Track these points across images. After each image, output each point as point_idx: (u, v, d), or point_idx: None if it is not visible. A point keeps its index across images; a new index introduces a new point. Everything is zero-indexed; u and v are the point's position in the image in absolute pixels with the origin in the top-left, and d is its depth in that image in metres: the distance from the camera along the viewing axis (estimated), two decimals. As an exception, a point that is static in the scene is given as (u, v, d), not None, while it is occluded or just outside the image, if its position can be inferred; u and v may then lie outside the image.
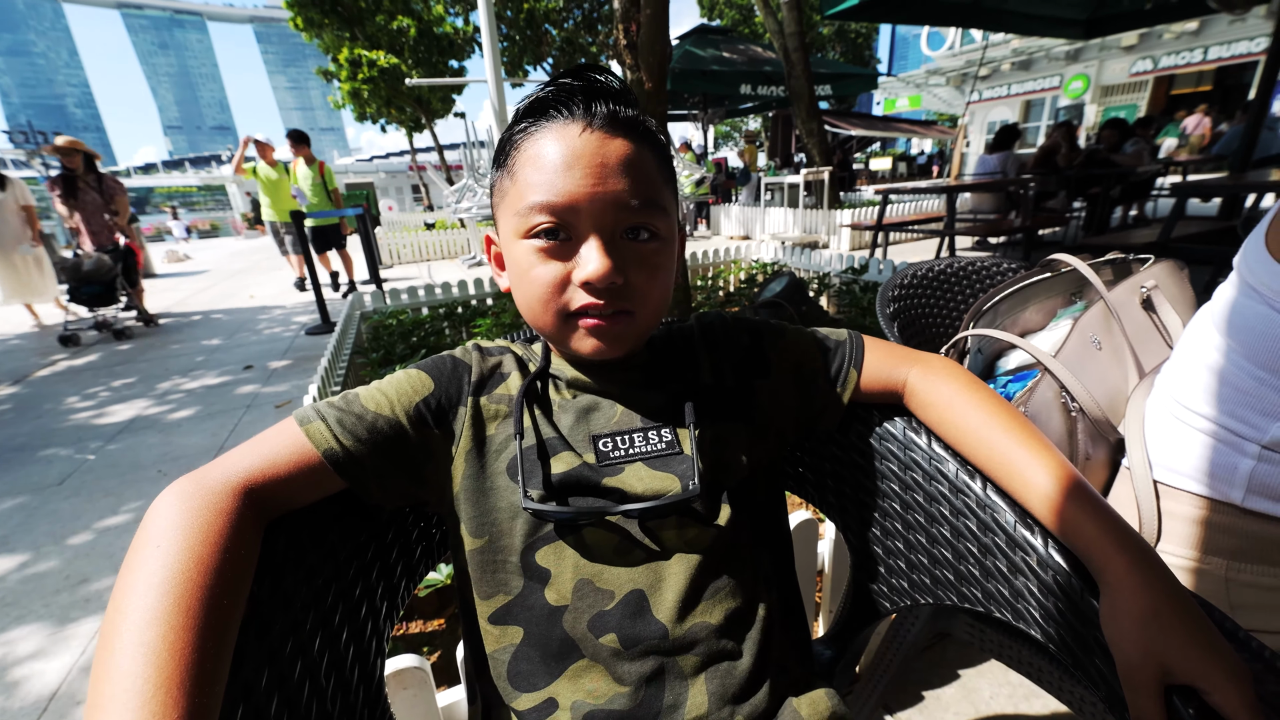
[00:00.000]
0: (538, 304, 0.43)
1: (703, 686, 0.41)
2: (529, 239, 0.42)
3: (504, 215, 0.45)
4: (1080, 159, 5.45)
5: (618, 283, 0.41)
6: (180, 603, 0.31)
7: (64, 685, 1.24)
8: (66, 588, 1.56)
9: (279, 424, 0.43)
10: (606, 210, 0.41)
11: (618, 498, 0.44)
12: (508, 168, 0.44)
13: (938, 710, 1.02)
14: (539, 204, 0.41)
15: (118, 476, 2.20)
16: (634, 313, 0.43)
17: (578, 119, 0.41)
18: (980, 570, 0.46)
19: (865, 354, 0.52)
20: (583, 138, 0.41)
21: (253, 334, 4.42)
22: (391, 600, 0.50)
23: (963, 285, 0.86)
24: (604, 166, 0.41)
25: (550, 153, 0.41)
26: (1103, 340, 0.63)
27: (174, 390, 3.19)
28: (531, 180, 0.41)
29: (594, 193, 0.40)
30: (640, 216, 0.42)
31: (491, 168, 0.47)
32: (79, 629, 1.40)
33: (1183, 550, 0.50)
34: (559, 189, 0.40)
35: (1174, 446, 0.52)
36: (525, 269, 0.43)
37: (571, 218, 0.41)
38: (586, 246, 0.41)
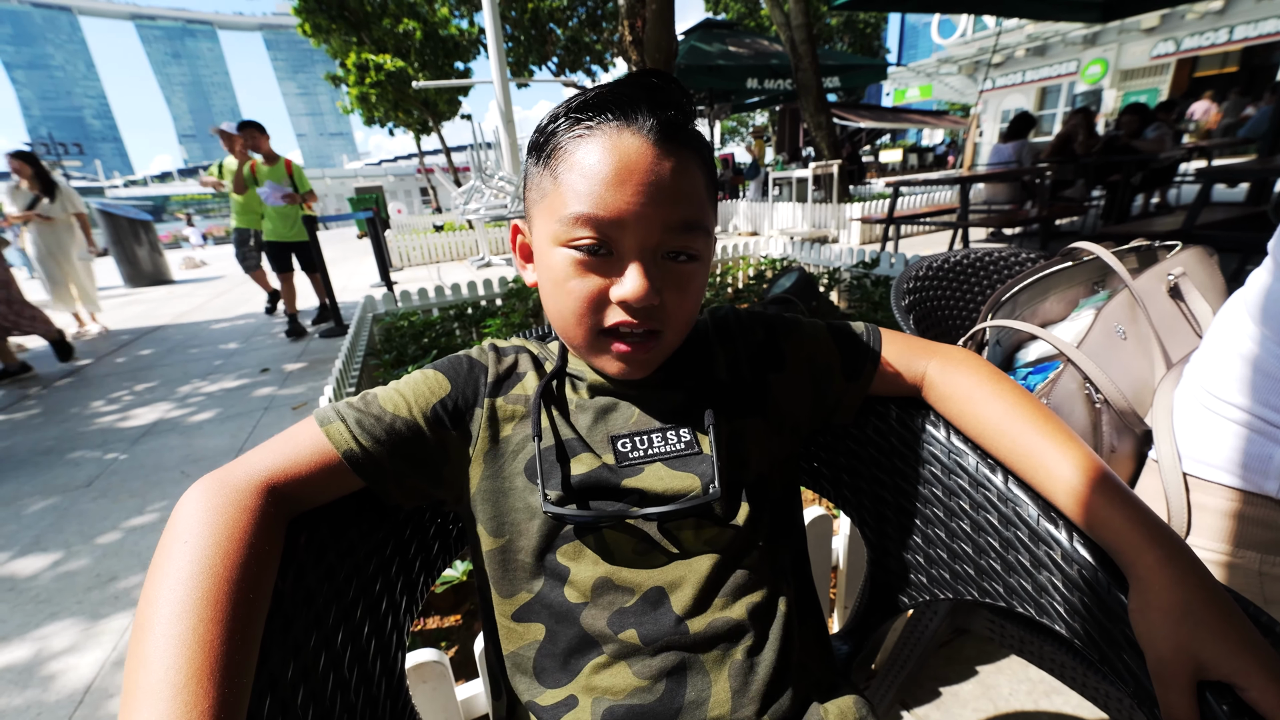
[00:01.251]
0: (571, 316, 0.42)
1: (725, 684, 0.41)
2: (568, 248, 0.41)
3: (541, 215, 0.43)
4: (1099, 146, 5.33)
5: (654, 303, 0.41)
6: (208, 596, 0.32)
7: (97, 679, 1.28)
8: (97, 585, 1.60)
9: (300, 424, 0.43)
10: (652, 232, 0.40)
11: (637, 499, 0.43)
12: (550, 166, 0.41)
13: (955, 707, 1.01)
14: (584, 216, 0.39)
15: (142, 478, 2.25)
16: (662, 333, 0.43)
17: (634, 127, 0.39)
18: (1002, 564, 0.46)
19: (882, 346, 0.51)
20: (638, 150, 0.39)
21: (268, 337, 4.50)
22: (411, 595, 0.50)
23: (980, 276, 0.84)
24: (656, 186, 0.39)
25: (601, 162, 0.39)
26: (1128, 330, 0.61)
27: (194, 393, 3.26)
28: (578, 188, 0.39)
29: (643, 213, 0.39)
30: (683, 240, 0.41)
31: (528, 155, 0.45)
32: (110, 625, 1.44)
33: (1214, 544, 0.49)
34: (607, 204, 0.39)
35: (1205, 438, 0.50)
36: (561, 279, 0.42)
37: (616, 234, 0.40)
38: (629, 267, 0.40)
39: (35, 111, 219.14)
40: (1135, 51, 14.63)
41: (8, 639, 1.41)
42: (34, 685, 1.27)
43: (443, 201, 15.57)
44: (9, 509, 2.07)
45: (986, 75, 8.03)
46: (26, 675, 1.29)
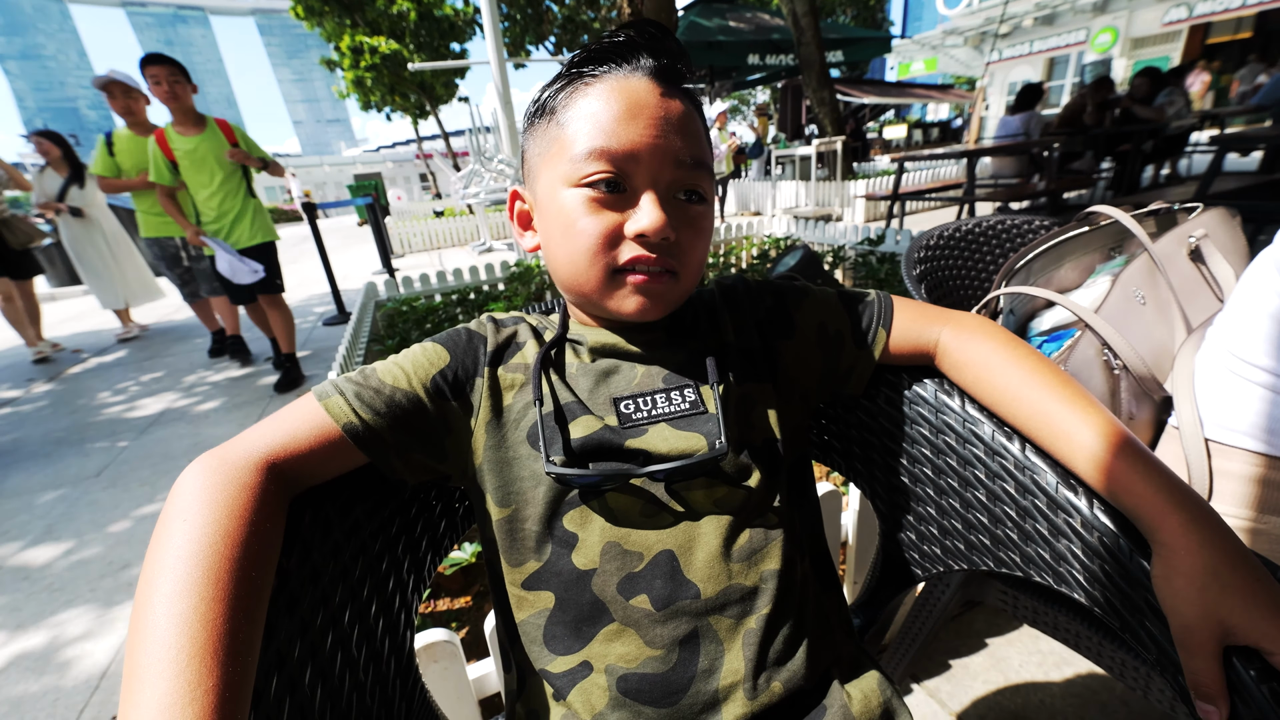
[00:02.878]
0: (584, 256, 0.42)
1: (739, 652, 0.40)
2: (581, 187, 0.41)
3: (549, 164, 0.43)
4: (1107, 117, 5.19)
5: (670, 238, 0.41)
6: (209, 574, 0.31)
7: (113, 665, 1.30)
8: (110, 573, 1.62)
9: (299, 399, 0.43)
10: (665, 164, 0.41)
11: (642, 460, 0.43)
12: (557, 116, 0.42)
13: (966, 679, 1.01)
14: (598, 149, 0.40)
15: (151, 466, 2.27)
16: (678, 274, 0.43)
17: (639, 71, 0.41)
18: (1019, 534, 0.45)
19: (894, 313, 0.50)
20: (646, 89, 0.41)
21: (266, 330, 4.49)
22: (418, 573, 0.50)
23: (993, 244, 0.82)
24: (665, 121, 0.40)
25: (611, 101, 0.40)
26: (1147, 295, 0.60)
27: (200, 383, 3.27)
28: (588, 126, 0.40)
29: (655, 144, 0.40)
30: (693, 176, 0.42)
31: (528, 121, 0.46)
32: (123, 611, 1.46)
33: (1238, 510, 0.48)
34: (620, 137, 0.39)
35: (1228, 402, 0.49)
36: (573, 219, 0.41)
37: (630, 167, 0.40)
38: (644, 199, 0.41)
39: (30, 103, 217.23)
40: (1146, 18, 14.20)
41: (24, 627, 1.43)
42: (51, 671, 1.29)
43: (442, 187, 15.43)
44: (21, 499, 2.09)
45: (993, 46, 7.81)
46: (43, 662, 1.32)
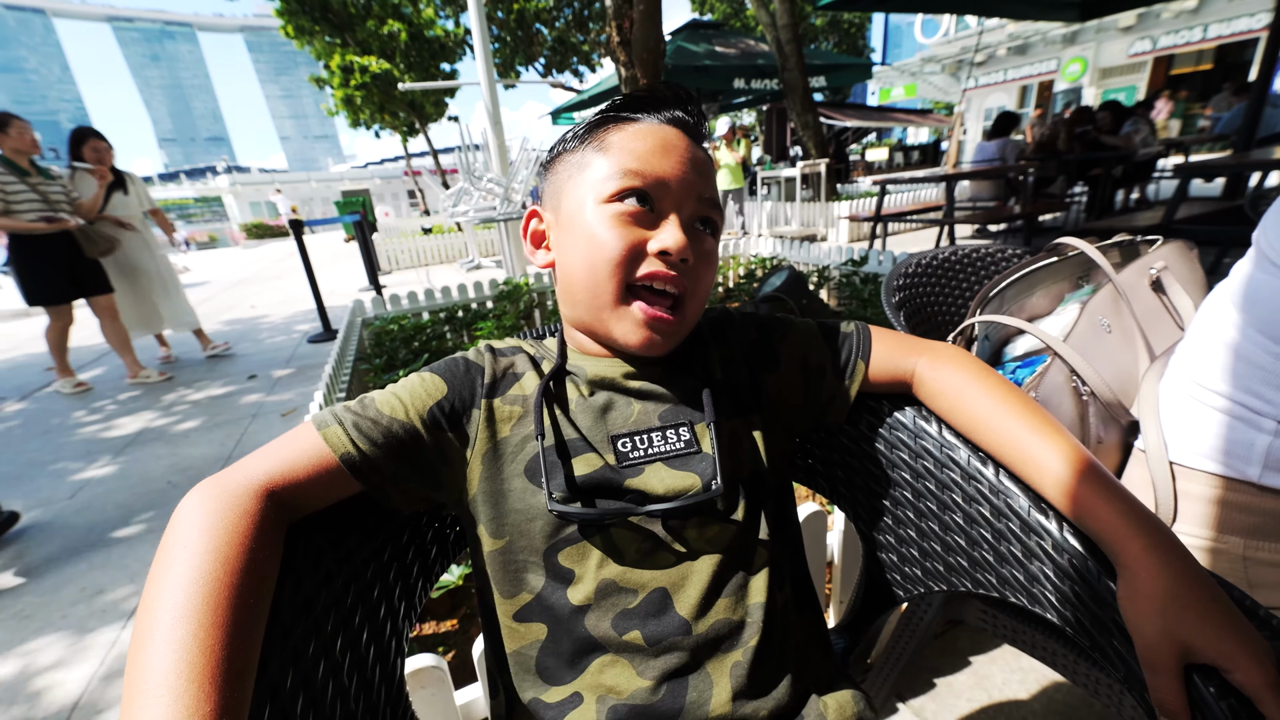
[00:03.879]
0: (605, 266, 0.44)
1: (727, 683, 0.41)
2: (612, 203, 0.44)
3: (579, 183, 0.46)
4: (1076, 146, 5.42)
5: (689, 260, 0.44)
6: (209, 601, 0.31)
7: (85, 695, 1.25)
8: (83, 599, 1.57)
9: (297, 428, 0.43)
10: (689, 197, 0.45)
11: (638, 499, 0.44)
12: (592, 144, 0.46)
13: (950, 697, 1.02)
14: (633, 170, 0.44)
15: (128, 489, 2.21)
16: (685, 306, 0.45)
17: (669, 123, 0.47)
18: (994, 556, 0.46)
19: (873, 344, 0.52)
20: (677, 136, 0.46)
21: (254, 344, 4.43)
22: (409, 600, 0.50)
23: (968, 272, 0.85)
24: (691, 162, 0.46)
25: (648, 138, 0.45)
26: (1112, 323, 0.63)
27: (179, 401, 3.20)
28: (625, 155, 0.44)
29: (683, 178, 0.45)
30: (710, 210, 0.47)
31: (561, 146, 0.49)
32: (97, 639, 1.42)
33: (1199, 530, 0.50)
34: (655, 166, 0.44)
35: (1190, 426, 0.52)
36: (598, 231, 0.44)
37: (660, 191, 0.44)
38: (669, 220, 0.44)
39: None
40: (1113, 50, 14.92)
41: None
42: (21, 702, 1.24)
43: (430, 204, 15.45)
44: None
45: (969, 74, 8.12)
46: (13, 692, 1.27)
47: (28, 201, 2.92)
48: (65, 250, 3.08)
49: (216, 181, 34.32)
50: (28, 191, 2.91)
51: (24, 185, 2.90)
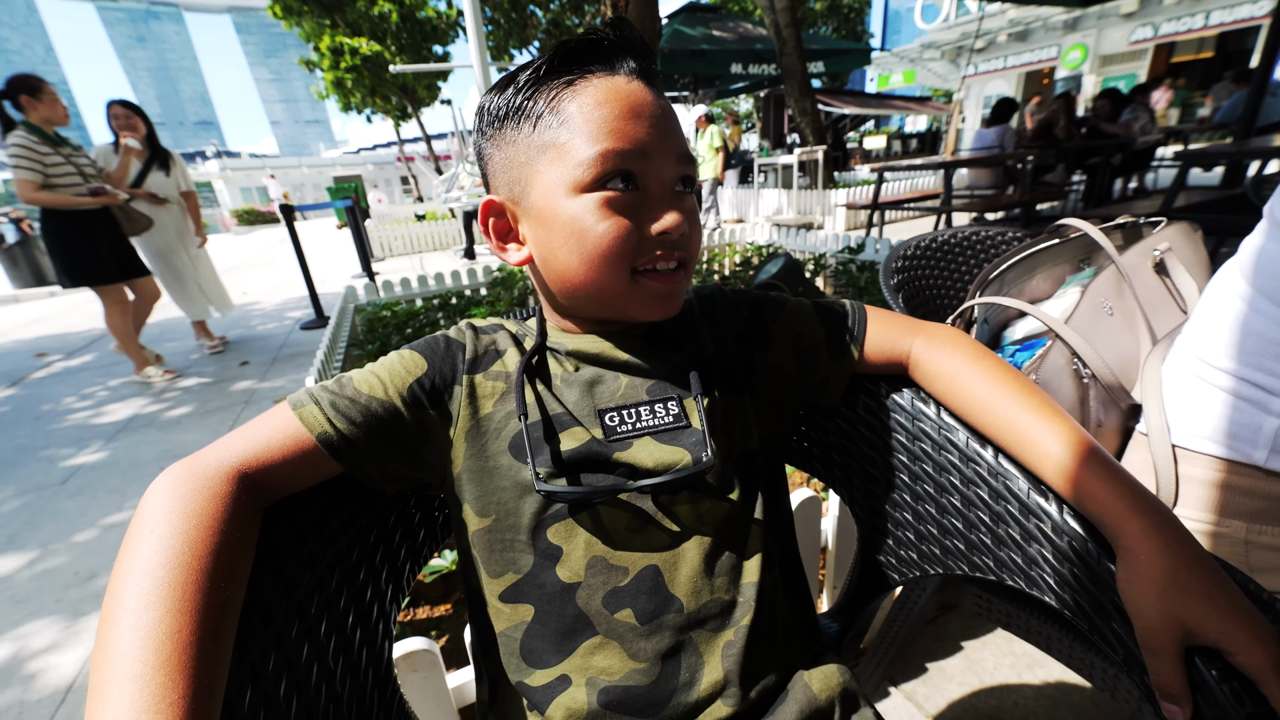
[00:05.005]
0: (606, 260, 0.40)
1: (719, 663, 0.41)
2: (592, 191, 0.40)
3: (544, 171, 0.41)
4: (1076, 133, 5.39)
5: (686, 232, 0.41)
6: (176, 586, 0.30)
7: (80, 678, 1.25)
8: (76, 583, 1.56)
9: (273, 408, 0.42)
10: (669, 160, 0.41)
11: (627, 473, 0.43)
12: (545, 120, 0.40)
13: (942, 681, 1.03)
14: (610, 151, 0.39)
15: (119, 475, 2.20)
16: (688, 266, 0.43)
17: (624, 74, 0.41)
18: (992, 539, 0.46)
19: (868, 325, 0.51)
20: (638, 90, 0.41)
21: (246, 330, 4.39)
22: (396, 583, 0.49)
23: (968, 255, 0.84)
24: (661, 119, 0.41)
25: (611, 102, 0.39)
26: (1114, 305, 0.62)
27: (171, 388, 3.17)
28: (593, 129, 0.39)
29: (660, 142, 0.40)
30: (688, 167, 0.43)
31: (494, 123, 0.43)
32: (91, 622, 1.41)
33: (1201, 514, 0.50)
34: (630, 136, 0.39)
35: (1193, 409, 0.51)
36: (587, 224, 0.40)
37: (641, 166, 0.40)
38: (659, 198, 0.41)
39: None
40: (1114, 37, 14.78)
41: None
42: (15, 684, 1.24)
43: (424, 190, 15.23)
44: (-21, 508, 2.01)
45: (969, 60, 8.04)
46: (7, 675, 1.26)
47: (66, 175, 2.72)
48: (109, 227, 2.90)
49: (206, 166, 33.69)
50: (65, 164, 2.71)
51: (60, 157, 2.69)
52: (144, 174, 3.22)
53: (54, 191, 2.70)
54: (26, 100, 2.67)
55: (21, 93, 2.66)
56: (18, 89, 2.66)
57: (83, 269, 2.88)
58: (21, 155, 2.58)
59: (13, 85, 2.66)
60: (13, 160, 2.59)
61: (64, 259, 2.86)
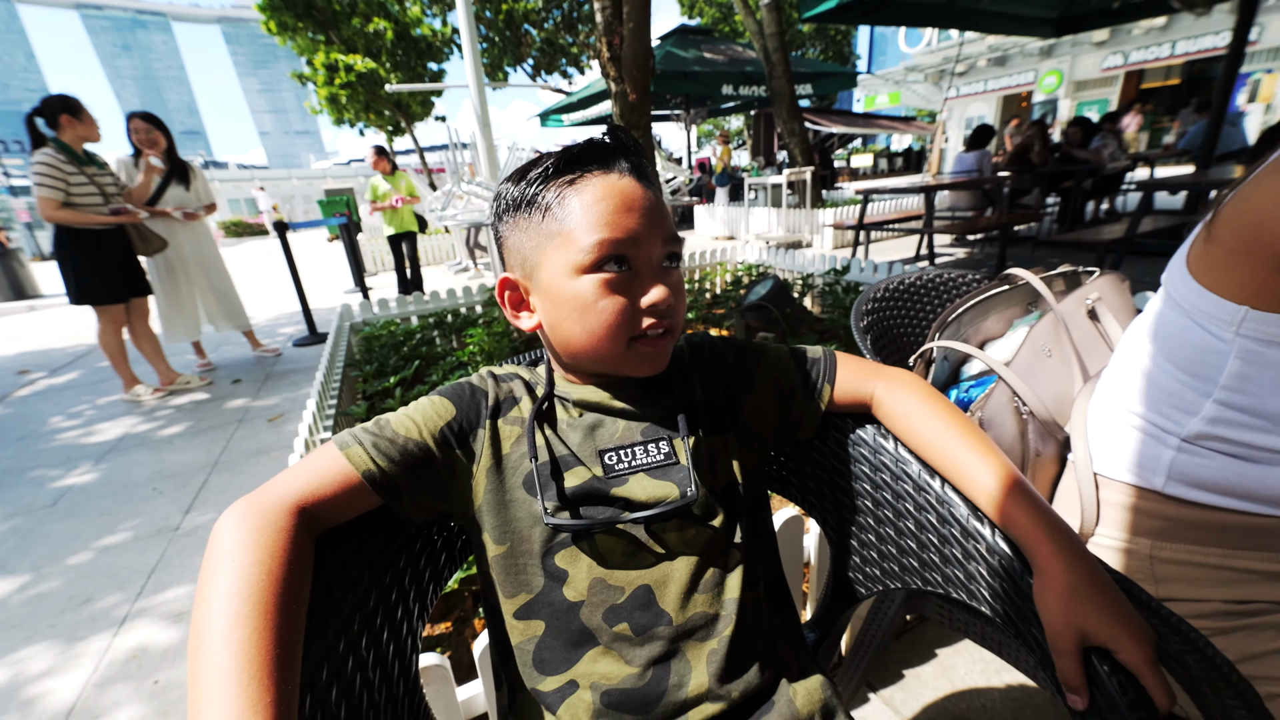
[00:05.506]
0: (604, 332, 0.48)
1: (704, 668, 0.47)
2: (592, 274, 0.47)
3: (552, 255, 0.48)
4: (1050, 158, 5.63)
5: (672, 303, 0.48)
6: (258, 607, 0.36)
7: (80, 701, 1.26)
8: (71, 608, 1.57)
9: (320, 449, 0.48)
10: (656, 244, 0.48)
11: (624, 505, 0.49)
12: (552, 212, 0.48)
13: (917, 687, 1.09)
14: (607, 240, 0.46)
15: (110, 496, 2.19)
16: (675, 331, 0.50)
17: (617, 172, 0.49)
18: (940, 557, 0.53)
19: (837, 370, 0.59)
20: (630, 186, 0.48)
21: (238, 347, 4.38)
22: (421, 602, 0.55)
23: (931, 297, 0.93)
24: (650, 210, 0.48)
25: (607, 198, 0.47)
26: (1053, 348, 0.70)
27: (162, 407, 3.17)
28: (592, 221, 0.46)
29: (649, 230, 0.47)
30: (674, 246, 0.50)
31: (510, 209, 0.51)
32: (89, 646, 1.42)
33: (1116, 533, 0.57)
34: (623, 227, 0.46)
35: (1110, 442, 0.59)
36: (590, 301, 0.47)
37: (633, 251, 0.47)
38: (650, 277, 0.48)
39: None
40: (1087, 63, 15.41)
41: (-20, 664, 1.38)
42: (13, 710, 1.25)
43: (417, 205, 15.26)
44: (-32, 531, 2.00)
45: (950, 84, 8.32)
46: (4, 702, 1.27)
47: (88, 195, 2.79)
48: (119, 247, 2.96)
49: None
50: (88, 183, 2.78)
51: (84, 176, 2.76)
52: (163, 188, 3.23)
53: (74, 210, 2.75)
54: (67, 120, 2.73)
55: (62, 112, 2.72)
56: (58, 109, 2.72)
57: (90, 288, 2.93)
58: (45, 173, 2.64)
59: (52, 105, 2.73)
60: (36, 177, 2.65)
61: (74, 277, 2.90)
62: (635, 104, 2.02)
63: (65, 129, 2.73)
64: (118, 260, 2.96)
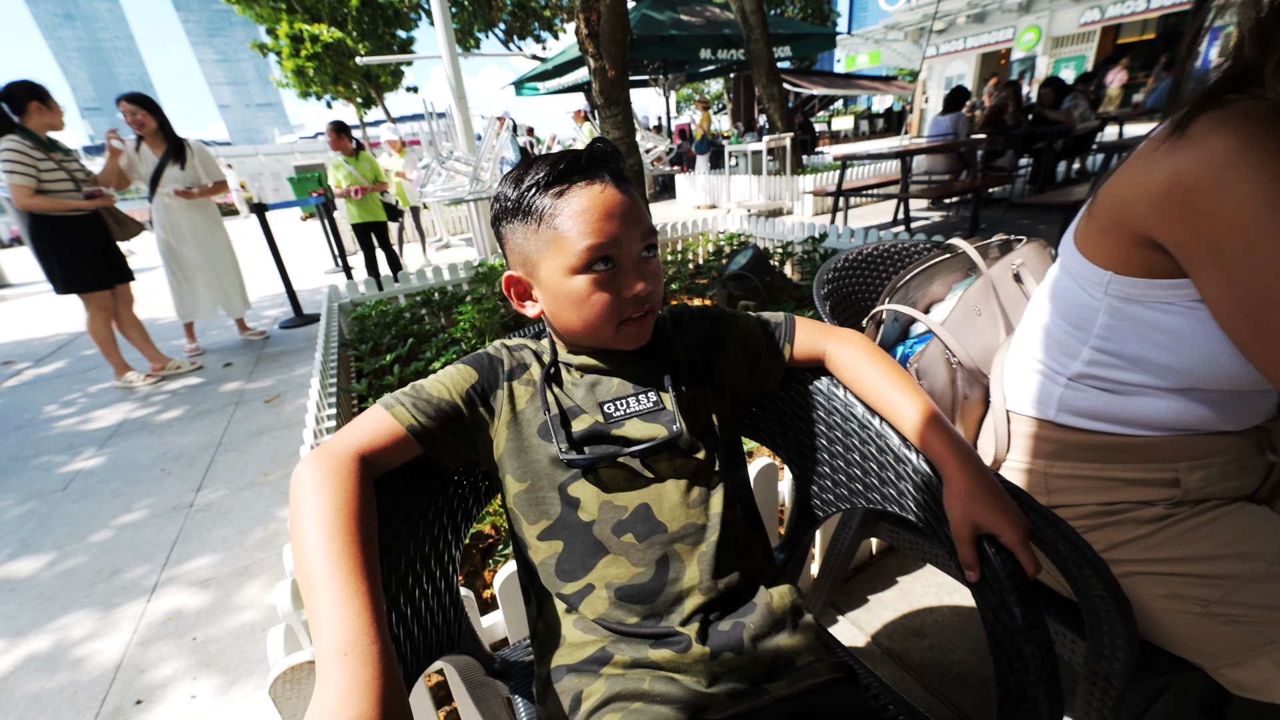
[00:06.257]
0: (599, 320, 0.57)
1: (695, 566, 0.59)
2: (584, 273, 0.56)
3: (551, 258, 0.57)
4: (1023, 120, 5.71)
5: (652, 290, 0.58)
6: (344, 525, 0.47)
7: (126, 657, 1.38)
8: (101, 579, 1.67)
9: (370, 411, 0.58)
10: (635, 240, 0.57)
11: (622, 443, 0.61)
12: (546, 220, 0.56)
13: (879, 608, 1.26)
14: (594, 245, 0.54)
15: (121, 478, 2.27)
16: (654, 310, 0.61)
17: (600, 182, 0.56)
18: (879, 479, 0.66)
19: (796, 332, 0.70)
20: (610, 194, 0.56)
21: (224, 331, 4.38)
22: (456, 534, 0.66)
23: (883, 266, 1.04)
24: (628, 212, 0.56)
25: (592, 207, 0.55)
26: (982, 308, 0.82)
27: (156, 392, 3.20)
28: (582, 227, 0.54)
29: (630, 230, 0.56)
30: (650, 240, 0.59)
31: (510, 214, 0.59)
32: (125, 611, 1.53)
33: (1021, 457, 0.70)
34: (607, 232, 0.55)
35: (1018, 383, 0.71)
36: (585, 296, 0.56)
37: (616, 250, 0.56)
38: (632, 274, 0.57)
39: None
40: (1065, 19, 15.30)
41: (24, 634, 1.48)
42: (63, 669, 1.36)
43: (391, 179, 14.85)
44: (-15, 516, 2.07)
45: (928, 41, 8.28)
46: (54, 662, 1.38)
47: (59, 180, 2.75)
48: (98, 232, 2.93)
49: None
50: (56, 169, 2.73)
51: (52, 162, 2.71)
52: (160, 170, 3.19)
53: (48, 197, 2.72)
54: (36, 107, 2.67)
55: (32, 99, 2.66)
56: (27, 95, 2.66)
57: (78, 276, 2.91)
58: (16, 161, 2.60)
59: (19, 91, 2.65)
60: (6, 166, 2.60)
61: (58, 267, 2.88)
62: (614, 79, 2.06)
63: (33, 115, 2.67)
64: (99, 246, 2.95)
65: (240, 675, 1.32)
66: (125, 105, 3.10)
